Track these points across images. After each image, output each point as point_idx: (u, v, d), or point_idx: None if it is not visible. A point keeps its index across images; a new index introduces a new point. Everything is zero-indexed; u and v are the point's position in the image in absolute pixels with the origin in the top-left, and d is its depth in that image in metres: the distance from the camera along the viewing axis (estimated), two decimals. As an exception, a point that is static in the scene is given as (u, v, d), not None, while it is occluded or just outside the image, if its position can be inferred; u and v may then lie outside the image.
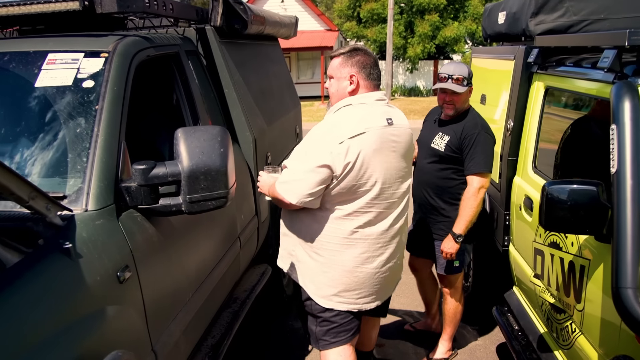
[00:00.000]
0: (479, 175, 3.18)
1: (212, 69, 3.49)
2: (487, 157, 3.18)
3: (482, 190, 3.19)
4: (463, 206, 3.21)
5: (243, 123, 3.53)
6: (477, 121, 3.26)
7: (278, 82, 4.90)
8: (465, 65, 3.34)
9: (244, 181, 3.44)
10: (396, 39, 23.97)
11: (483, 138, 3.19)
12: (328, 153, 2.32)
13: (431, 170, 3.41)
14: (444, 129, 3.37)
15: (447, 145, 3.31)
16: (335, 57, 2.57)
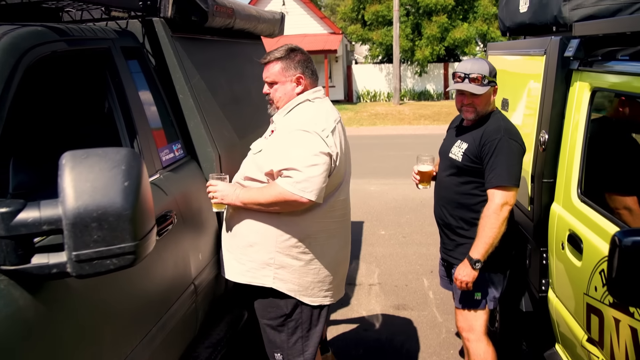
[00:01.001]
0: (501, 188, 2.61)
1: (165, 71, 2.78)
2: (511, 167, 2.62)
3: (506, 207, 2.61)
4: (482, 225, 2.63)
5: (203, 136, 2.82)
6: (501, 125, 2.71)
7: (259, 86, 4.17)
8: (485, 62, 2.77)
9: (204, 209, 2.73)
10: (403, 41, 23.24)
11: (506, 144, 2.63)
12: (323, 144, 2.37)
13: (449, 185, 2.88)
14: (463, 136, 2.84)
15: (464, 154, 2.76)
16: (273, 62, 2.56)
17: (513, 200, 2.62)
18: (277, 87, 2.56)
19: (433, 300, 4.57)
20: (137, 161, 1.49)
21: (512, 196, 2.62)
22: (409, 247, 5.92)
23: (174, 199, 2.40)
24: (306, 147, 2.35)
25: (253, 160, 2.54)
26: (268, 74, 2.58)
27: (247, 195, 2.45)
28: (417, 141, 13.43)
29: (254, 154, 2.58)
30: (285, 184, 2.33)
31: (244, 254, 2.54)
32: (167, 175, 2.47)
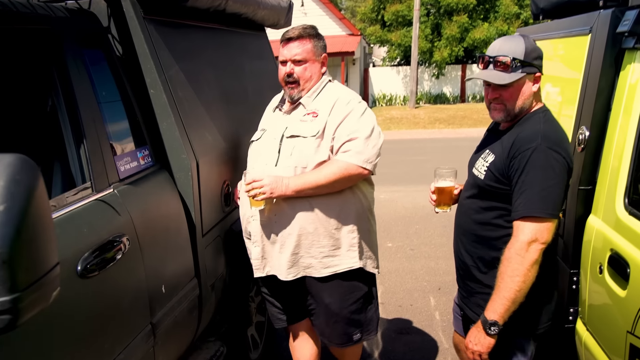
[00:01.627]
0: (531, 220, 1.90)
1: (135, 61, 2.31)
2: (546, 189, 1.90)
3: (536, 246, 1.89)
4: (501, 272, 1.93)
5: (177, 140, 2.34)
6: (539, 129, 1.98)
7: (259, 83, 3.70)
8: (522, 39, 2.04)
9: (173, 230, 2.25)
10: (422, 42, 22.66)
11: (542, 157, 1.91)
12: (373, 117, 2.42)
13: (468, 210, 2.20)
14: (492, 145, 2.14)
15: (488, 170, 2.08)
16: (305, 39, 2.43)
17: (548, 237, 1.90)
18: (307, 65, 2.43)
19: (439, 323, 4.07)
20: (27, 174, 1.02)
21: (547, 231, 1.89)
22: (416, 261, 5.41)
23: (128, 220, 1.92)
24: (365, 120, 2.38)
25: (316, 144, 2.37)
26: (299, 51, 2.41)
27: (300, 181, 2.32)
28: (431, 145, 12.91)
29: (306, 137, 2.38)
30: (349, 158, 2.33)
31: (327, 246, 2.41)
32: (124, 190, 1.99)
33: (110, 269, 1.75)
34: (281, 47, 2.46)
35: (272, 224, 2.42)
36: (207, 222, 2.53)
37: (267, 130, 2.55)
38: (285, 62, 2.45)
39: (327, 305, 2.51)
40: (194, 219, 2.39)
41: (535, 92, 2.05)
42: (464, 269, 2.24)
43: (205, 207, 2.50)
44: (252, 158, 2.57)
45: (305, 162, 2.37)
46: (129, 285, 1.88)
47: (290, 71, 2.43)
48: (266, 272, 2.53)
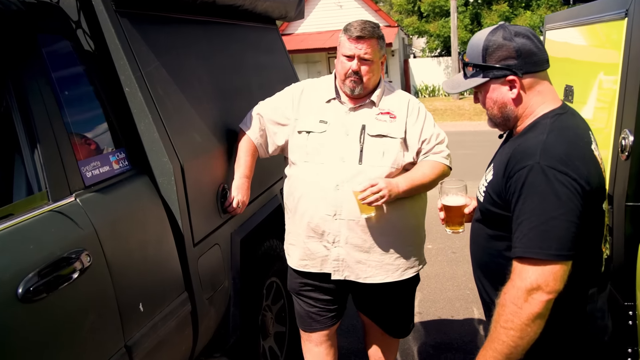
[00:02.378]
0: (530, 262, 1.49)
1: (108, 57, 2.12)
2: (547, 223, 1.47)
3: (539, 296, 1.47)
4: (495, 318, 1.57)
5: (156, 142, 2.13)
6: (540, 140, 1.55)
7: (267, 77, 3.48)
8: (485, 34, 1.67)
9: (153, 240, 2.04)
10: (461, 32, 22.08)
11: (542, 180, 1.49)
12: None
13: (477, 237, 1.83)
14: (496, 158, 1.78)
15: (486, 192, 1.72)
16: (376, 38, 2.40)
17: (555, 284, 1.46)
18: (373, 66, 2.41)
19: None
20: None
21: (553, 277, 1.46)
22: (458, 266, 5.05)
23: (91, 233, 1.71)
24: (434, 122, 2.51)
25: (404, 145, 2.43)
26: (369, 51, 2.37)
27: (408, 182, 2.36)
28: (476, 138, 12.43)
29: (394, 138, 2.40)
30: (442, 159, 2.47)
31: (410, 245, 2.49)
32: (89, 199, 1.79)
33: (63, 290, 1.55)
34: (348, 41, 2.39)
35: (361, 226, 2.39)
36: (199, 230, 2.32)
37: (331, 123, 2.44)
38: (352, 57, 2.39)
39: (399, 302, 2.62)
40: (181, 227, 2.18)
41: (526, 96, 1.64)
42: (486, 303, 1.84)
43: (196, 214, 2.29)
44: (316, 151, 2.43)
45: (399, 162, 2.41)
46: (91, 307, 1.67)
47: (357, 69, 2.38)
48: (344, 276, 2.46)
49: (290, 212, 2.57)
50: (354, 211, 2.35)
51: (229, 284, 2.57)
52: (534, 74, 1.62)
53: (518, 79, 1.61)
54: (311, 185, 2.42)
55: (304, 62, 24.25)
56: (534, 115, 1.64)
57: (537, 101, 1.64)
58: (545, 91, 1.65)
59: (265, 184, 3.12)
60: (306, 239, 2.48)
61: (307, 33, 23.27)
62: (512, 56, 1.61)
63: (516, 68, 1.61)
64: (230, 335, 2.59)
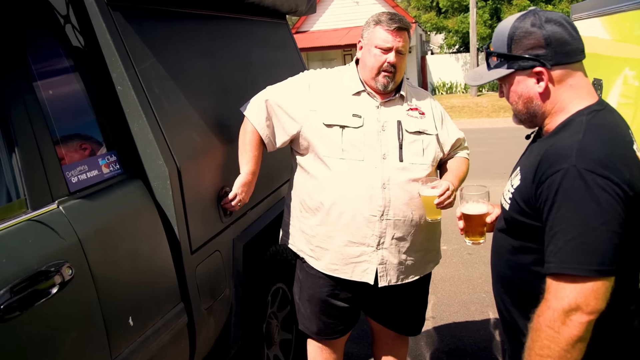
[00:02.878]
0: (567, 280, 1.32)
1: (99, 53, 1.99)
2: (585, 234, 1.31)
3: (579, 317, 1.30)
4: (529, 346, 1.39)
5: (151, 144, 2.00)
6: (576, 140, 1.37)
7: (275, 74, 3.33)
8: (513, 20, 1.50)
9: (146, 249, 1.92)
10: (481, 28, 21.74)
11: (579, 185, 1.32)
12: None
13: (500, 248, 1.64)
14: (522, 160, 1.62)
15: (513, 199, 1.53)
16: (409, 30, 2.31)
17: (596, 304, 1.29)
18: (404, 59, 2.32)
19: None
20: None
21: (594, 295, 1.29)
22: (474, 268, 4.87)
23: (74, 243, 1.59)
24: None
25: (439, 142, 2.38)
26: (404, 43, 2.28)
27: (457, 181, 2.34)
28: (495, 136, 12.20)
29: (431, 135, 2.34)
30: (467, 155, 2.50)
31: (435, 241, 2.49)
32: (74, 206, 1.67)
33: (40, 306, 1.43)
34: (387, 32, 2.25)
35: (406, 226, 2.29)
36: (198, 237, 2.19)
37: (365, 118, 2.28)
38: (389, 50, 2.26)
39: (417, 300, 2.57)
40: (177, 234, 2.05)
41: (555, 91, 1.47)
42: (505, 323, 1.67)
43: (195, 220, 2.16)
44: (354, 148, 2.25)
45: (436, 159, 2.36)
46: (72, 323, 1.55)
47: (394, 61, 2.25)
48: (388, 281, 2.33)
49: (319, 212, 2.32)
50: (400, 210, 2.25)
51: (231, 292, 2.44)
52: (565, 66, 1.45)
53: (546, 70, 1.44)
54: (351, 185, 2.24)
55: (319, 60, 24.08)
56: (566, 112, 1.47)
57: (568, 96, 1.46)
58: (579, 85, 1.47)
59: (272, 186, 2.99)
60: (342, 242, 2.29)
61: (322, 30, 23.08)
62: (540, 45, 1.44)
63: (545, 59, 1.43)
64: (231, 345, 2.47)
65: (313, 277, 2.42)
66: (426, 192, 2.18)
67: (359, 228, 2.26)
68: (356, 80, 2.36)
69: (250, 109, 2.39)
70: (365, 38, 2.33)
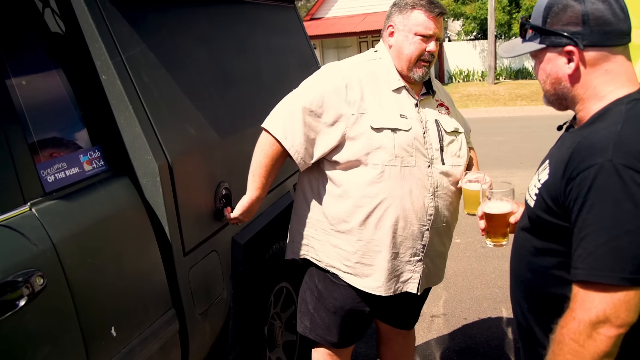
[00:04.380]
0: (596, 289, 1.18)
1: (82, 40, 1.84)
2: (620, 238, 1.16)
3: (607, 331, 1.17)
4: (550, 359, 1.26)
5: (139, 137, 1.85)
6: (613, 132, 1.22)
7: (281, 61, 3.18)
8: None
9: (132, 252, 1.77)
10: (499, 14, 21.27)
11: (615, 183, 1.17)
12: None
13: (521, 249, 1.48)
14: (552, 153, 1.44)
15: (538, 195, 1.36)
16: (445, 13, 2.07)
17: (627, 316, 1.16)
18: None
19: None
20: None
21: (626, 307, 1.16)
22: (487, 262, 4.69)
23: (48, 249, 1.45)
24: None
25: (465, 141, 2.21)
26: (440, 29, 2.06)
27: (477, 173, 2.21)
28: (511, 125, 11.91)
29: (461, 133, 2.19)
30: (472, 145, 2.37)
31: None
32: (49, 208, 1.52)
33: (5, 321, 1.29)
34: (428, 18, 2.03)
35: (445, 230, 2.16)
36: (192, 237, 2.04)
37: (410, 118, 2.07)
38: (431, 37, 2.05)
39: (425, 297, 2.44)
40: (168, 235, 1.90)
41: (586, 74, 1.32)
42: (523, 330, 1.51)
43: (188, 219, 2.01)
44: (402, 152, 2.02)
45: (467, 160, 2.20)
46: (44, 337, 1.41)
47: (435, 49, 2.06)
48: (422, 287, 2.20)
49: (363, 226, 2.06)
50: (445, 217, 2.12)
51: (228, 294, 2.30)
52: (601, 48, 1.30)
53: (578, 51, 1.30)
54: (404, 195, 2.02)
55: (334, 47, 23.83)
56: (602, 99, 1.32)
57: (602, 82, 1.32)
58: (617, 71, 1.31)
59: (276, 180, 2.82)
60: (389, 256, 2.07)
61: (337, 17, 22.81)
62: (576, 22, 1.29)
63: (578, 37, 1.29)
64: (229, 351, 2.33)
65: (342, 288, 2.17)
66: (471, 186, 2.04)
67: (408, 239, 2.07)
68: (394, 73, 2.11)
69: (275, 123, 2.05)
70: (399, 23, 2.07)
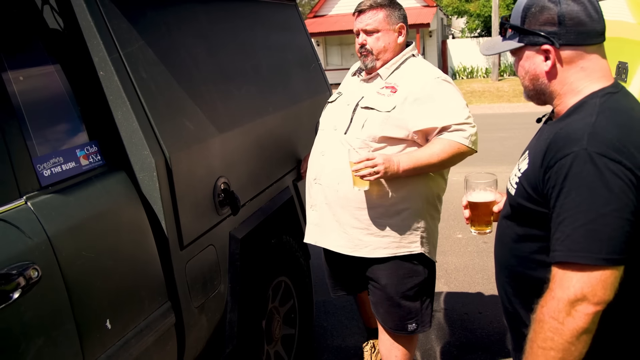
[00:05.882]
0: (574, 268, 1.25)
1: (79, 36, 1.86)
2: (595, 221, 1.23)
3: (585, 308, 1.24)
4: (531, 338, 1.32)
5: (136, 133, 1.87)
6: (588, 123, 1.31)
7: (280, 57, 3.19)
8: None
9: (128, 246, 1.79)
10: (503, 11, 21.27)
11: (590, 170, 1.25)
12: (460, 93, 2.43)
13: (504, 236, 1.56)
14: (533, 145, 1.53)
15: (519, 184, 1.46)
16: (375, 9, 2.40)
17: (604, 294, 1.23)
18: (379, 35, 2.41)
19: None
20: None
21: (602, 285, 1.23)
22: (489, 257, 4.68)
23: (43, 242, 1.46)
24: (460, 99, 2.38)
25: (389, 120, 2.33)
26: (369, 21, 2.40)
27: (412, 161, 2.29)
28: (515, 121, 11.91)
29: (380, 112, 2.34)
30: (460, 138, 2.31)
31: (389, 225, 2.39)
32: (45, 202, 1.54)
33: (0, 312, 1.31)
34: (354, 19, 2.47)
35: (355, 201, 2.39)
36: (190, 231, 2.06)
37: (343, 94, 2.57)
38: (358, 33, 2.46)
39: (384, 286, 2.48)
40: (164, 229, 1.92)
41: (563, 71, 1.40)
42: (507, 314, 1.62)
43: (186, 213, 2.03)
44: (323, 119, 2.60)
45: (374, 136, 2.34)
46: (37, 329, 1.43)
47: (363, 42, 2.42)
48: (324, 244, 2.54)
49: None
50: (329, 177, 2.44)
51: (226, 288, 2.32)
52: (576, 47, 1.37)
53: (554, 49, 1.38)
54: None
55: (337, 44, 23.80)
56: (577, 94, 1.40)
57: (578, 78, 1.40)
58: (592, 68, 1.39)
59: (275, 175, 2.85)
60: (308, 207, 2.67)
61: (341, 14, 22.78)
62: (552, 22, 1.37)
63: (554, 37, 1.37)
64: (226, 344, 2.35)
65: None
66: (352, 159, 2.28)
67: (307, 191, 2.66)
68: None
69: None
70: None
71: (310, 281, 3.22)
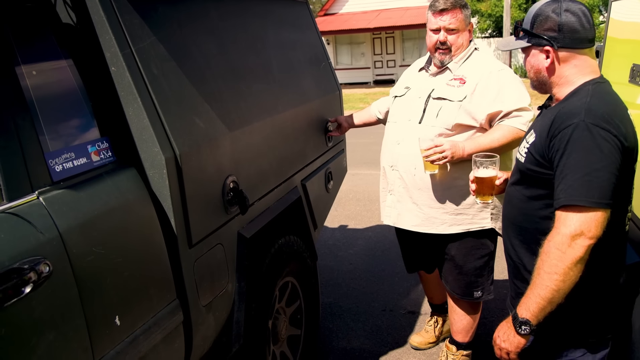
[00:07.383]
0: (573, 210, 1.62)
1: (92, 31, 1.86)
2: (590, 174, 1.60)
3: (582, 242, 1.60)
4: (538, 266, 1.68)
5: (146, 129, 1.86)
6: (584, 102, 1.69)
7: (292, 55, 3.18)
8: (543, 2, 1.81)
9: (138, 243, 1.79)
10: (515, 12, 21.15)
11: (585, 136, 1.63)
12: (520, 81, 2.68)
13: (513, 199, 1.95)
14: (536, 124, 1.89)
15: (528, 153, 1.84)
16: (458, 9, 2.62)
17: (596, 231, 1.60)
18: (459, 34, 2.66)
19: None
20: None
21: (595, 223, 1.60)
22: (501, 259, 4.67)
23: (55, 237, 1.46)
24: (520, 87, 2.63)
25: (461, 108, 2.61)
26: (452, 20, 2.64)
27: (475, 145, 2.55)
28: (525, 123, 11.83)
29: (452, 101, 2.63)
30: (518, 124, 2.56)
31: (462, 204, 2.69)
32: (57, 197, 1.54)
33: (10, 307, 1.31)
34: (432, 16, 2.67)
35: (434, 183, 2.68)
36: (199, 230, 2.05)
37: (412, 88, 2.82)
38: (438, 30, 2.66)
39: (453, 257, 2.80)
40: (174, 227, 1.92)
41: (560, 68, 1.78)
42: (512, 265, 2.00)
43: (195, 211, 2.02)
44: (394, 112, 2.88)
45: (448, 124, 2.62)
46: (48, 324, 1.42)
47: (444, 39, 2.65)
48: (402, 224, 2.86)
49: None
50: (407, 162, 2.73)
51: (233, 287, 2.31)
52: (571, 49, 1.75)
53: (553, 50, 1.76)
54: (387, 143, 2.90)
55: (347, 43, 23.74)
56: (572, 84, 1.78)
57: (572, 73, 1.78)
58: (583, 65, 1.77)
59: (284, 174, 2.84)
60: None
61: (351, 13, 22.74)
62: (554, 29, 1.75)
63: (554, 41, 1.75)
64: (233, 343, 2.34)
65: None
66: (422, 146, 2.60)
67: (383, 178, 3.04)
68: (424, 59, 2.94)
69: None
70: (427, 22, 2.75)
71: (317, 282, 3.21)
